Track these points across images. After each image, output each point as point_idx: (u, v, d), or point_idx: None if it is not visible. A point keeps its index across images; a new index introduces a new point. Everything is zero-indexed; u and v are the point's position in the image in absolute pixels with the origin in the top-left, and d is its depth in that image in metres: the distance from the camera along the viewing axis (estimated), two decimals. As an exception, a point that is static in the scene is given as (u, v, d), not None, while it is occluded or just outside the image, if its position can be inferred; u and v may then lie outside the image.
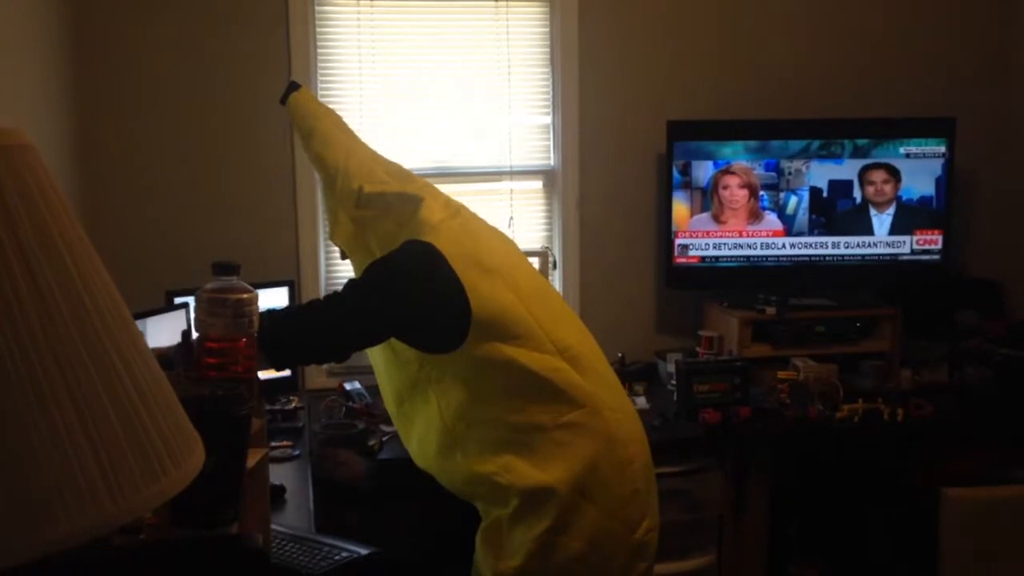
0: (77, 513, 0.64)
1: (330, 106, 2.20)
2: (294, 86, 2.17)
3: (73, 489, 0.64)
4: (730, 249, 3.45)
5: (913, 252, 3.49)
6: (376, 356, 2.06)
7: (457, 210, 2.08)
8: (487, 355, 1.84)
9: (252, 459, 1.47)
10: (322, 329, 1.89)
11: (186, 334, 1.59)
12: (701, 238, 3.45)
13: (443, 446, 1.93)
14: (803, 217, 3.47)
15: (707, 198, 3.44)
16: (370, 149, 2.14)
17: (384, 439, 2.93)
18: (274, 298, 3.10)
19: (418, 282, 1.88)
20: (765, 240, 3.46)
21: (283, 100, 2.15)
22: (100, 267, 0.74)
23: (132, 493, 0.67)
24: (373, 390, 3.24)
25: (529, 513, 1.84)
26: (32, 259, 0.66)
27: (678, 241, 3.44)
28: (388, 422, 3.08)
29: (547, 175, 3.62)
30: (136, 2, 3.25)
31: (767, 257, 3.47)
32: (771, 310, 3.36)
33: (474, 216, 2.15)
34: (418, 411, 1.98)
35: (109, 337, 0.70)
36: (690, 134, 3.43)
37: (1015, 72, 3.74)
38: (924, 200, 3.48)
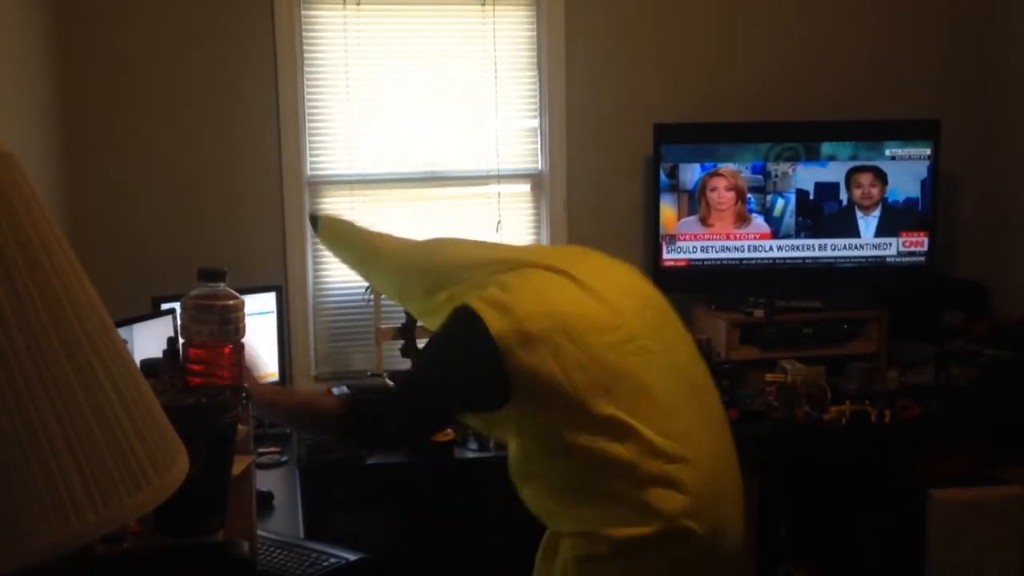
0: (58, 523, 0.63)
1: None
2: (315, 220, 2.21)
3: (55, 499, 0.63)
4: (717, 252, 3.46)
5: (899, 254, 3.51)
6: None
7: (516, 271, 1.87)
8: (526, 417, 1.78)
9: (238, 466, 1.46)
10: (403, 415, 1.84)
11: (172, 341, 1.58)
12: (689, 240, 3.46)
13: (516, 478, 1.90)
14: (790, 219, 3.48)
15: (694, 201, 3.45)
16: (419, 256, 2.06)
17: (372, 444, 2.92)
18: (261, 303, 3.09)
19: (456, 350, 1.81)
20: (752, 243, 3.47)
21: (315, 230, 2.21)
22: (83, 277, 0.73)
23: (114, 503, 0.66)
24: (361, 395, 3.24)
25: None
26: (13, 270, 0.65)
27: (665, 244, 3.45)
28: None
29: (534, 178, 3.63)
30: (121, 6, 3.24)
31: (754, 259, 3.48)
32: (759, 312, 3.37)
33: (545, 272, 1.86)
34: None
35: (91, 347, 0.70)
36: (677, 137, 3.44)
37: (999, 74, 3.76)
38: (909, 202, 3.50)
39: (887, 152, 3.47)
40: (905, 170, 3.49)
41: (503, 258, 1.91)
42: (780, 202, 3.48)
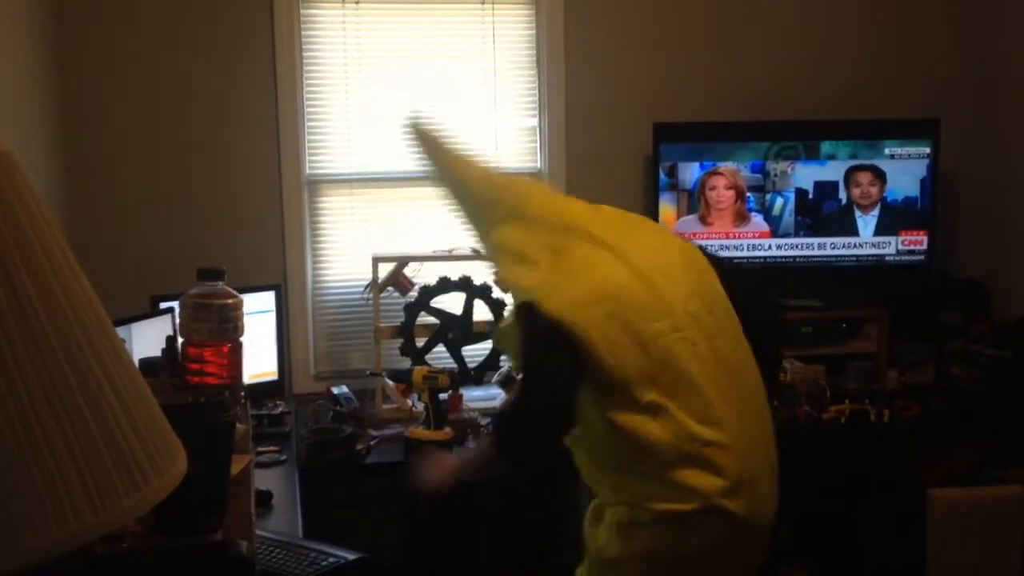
0: (57, 523, 0.63)
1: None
2: (408, 126, 2.17)
3: (53, 500, 0.63)
4: (716, 251, 3.46)
5: (898, 253, 3.51)
6: None
7: (561, 249, 1.92)
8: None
9: (237, 465, 1.46)
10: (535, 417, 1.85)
11: (171, 340, 1.58)
12: (688, 240, 3.45)
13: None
14: (789, 218, 3.48)
15: (694, 200, 3.45)
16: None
17: (372, 444, 2.92)
18: (260, 302, 3.09)
19: (534, 344, 1.85)
20: (751, 241, 3.47)
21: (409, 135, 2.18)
22: (82, 277, 0.73)
23: (113, 503, 0.66)
24: (360, 394, 3.24)
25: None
26: (12, 271, 0.65)
27: (665, 243, 3.44)
28: (376, 427, 3.07)
29: (534, 177, 3.62)
30: (120, 6, 3.23)
31: (753, 258, 3.48)
32: (758, 312, 3.36)
33: (596, 249, 1.91)
34: None
35: (90, 347, 0.70)
36: (677, 136, 3.44)
37: (999, 73, 3.76)
38: (909, 201, 3.50)
39: (886, 151, 3.47)
40: (904, 169, 3.49)
41: (560, 221, 1.94)
42: (779, 201, 3.48)
